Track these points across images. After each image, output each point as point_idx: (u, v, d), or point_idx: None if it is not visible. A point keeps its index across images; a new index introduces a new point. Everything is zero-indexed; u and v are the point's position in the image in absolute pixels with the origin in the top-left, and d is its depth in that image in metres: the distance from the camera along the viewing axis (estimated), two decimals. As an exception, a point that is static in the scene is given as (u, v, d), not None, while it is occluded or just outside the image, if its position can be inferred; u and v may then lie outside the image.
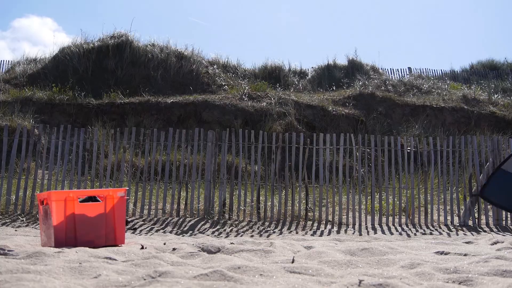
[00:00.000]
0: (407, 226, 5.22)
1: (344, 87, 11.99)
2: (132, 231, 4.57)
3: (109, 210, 2.51)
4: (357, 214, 5.47)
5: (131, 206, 5.52)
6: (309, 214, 5.55)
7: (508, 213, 5.43)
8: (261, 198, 5.61)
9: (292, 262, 1.88)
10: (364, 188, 5.85)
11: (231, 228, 4.90)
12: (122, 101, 9.78)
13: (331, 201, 5.90)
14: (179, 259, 1.88)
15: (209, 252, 2.22)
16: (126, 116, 9.43)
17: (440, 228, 5.16)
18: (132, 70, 11.22)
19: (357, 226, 5.17)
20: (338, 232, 4.80)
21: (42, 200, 2.54)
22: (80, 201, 2.47)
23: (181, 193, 5.62)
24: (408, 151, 6.09)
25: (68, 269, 1.49)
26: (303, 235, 4.48)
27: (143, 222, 5.08)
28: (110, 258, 1.85)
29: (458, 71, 16.03)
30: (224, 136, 5.80)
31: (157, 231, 4.63)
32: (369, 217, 5.46)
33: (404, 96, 11.41)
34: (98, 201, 2.53)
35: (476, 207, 5.53)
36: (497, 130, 10.00)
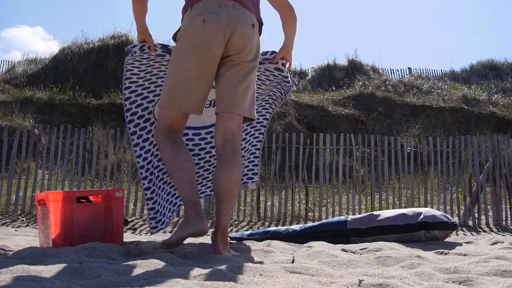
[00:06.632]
0: (407, 226, 5.21)
1: (344, 87, 12.00)
2: (132, 231, 4.57)
3: (107, 210, 2.51)
4: (357, 214, 5.46)
5: (131, 206, 5.52)
6: (309, 214, 5.55)
7: (509, 213, 5.44)
8: (261, 198, 5.62)
9: (292, 262, 1.88)
10: (364, 188, 5.85)
11: (231, 228, 4.90)
12: (122, 101, 9.77)
13: (331, 201, 5.90)
14: (179, 259, 1.88)
15: (209, 252, 2.22)
16: (126, 116, 9.43)
17: (440, 228, 5.16)
18: (132, 70, 11.22)
19: (357, 226, 5.17)
20: (338, 232, 4.79)
21: (40, 200, 2.54)
22: (78, 201, 2.46)
23: (181, 193, 5.61)
24: (408, 151, 6.10)
25: (68, 269, 1.49)
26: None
27: (143, 222, 5.07)
28: (109, 258, 1.85)
29: (458, 71, 16.04)
30: (224, 136, 5.79)
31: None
32: (369, 217, 5.46)
33: (404, 96, 11.41)
34: (96, 201, 2.53)
35: (476, 207, 5.53)
36: (497, 130, 10.01)
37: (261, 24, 2.35)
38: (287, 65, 2.65)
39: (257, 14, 2.31)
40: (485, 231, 4.89)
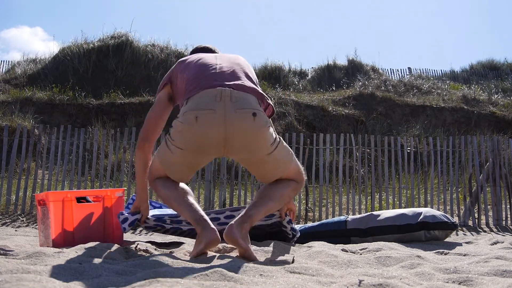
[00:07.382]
0: (407, 226, 5.20)
1: (344, 87, 12.00)
2: (132, 231, 4.57)
3: (107, 210, 2.51)
4: (357, 214, 5.46)
5: (131, 206, 5.52)
6: (309, 214, 5.55)
7: (509, 213, 5.43)
8: (261, 198, 5.61)
9: (292, 262, 1.89)
10: (364, 188, 5.85)
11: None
12: (122, 101, 9.78)
13: (331, 201, 5.90)
14: (179, 259, 1.88)
15: (209, 252, 2.21)
16: (126, 116, 9.44)
17: (440, 228, 5.15)
18: (132, 70, 11.22)
19: (357, 226, 5.16)
20: (338, 232, 4.79)
21: (40, 200, 2.54)
22: (78, 201, 2.47)
23: (181, 193, 5.61)
24: (408, 151, 6.10)
25: (69, 269, 1.49)
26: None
27: (143, 222, 5.08)
28: (109, 258, 1.85)
29: (458, 71, 16.04)
30: (224, 136, 5.79)
31: (157, 231, 4.62)
32: (369, 217, 5.46)
33: (404, 96, 11.41)
34: (96, 201, 2.53)
35: (476, 207, 5.53)
36: (497, 130, 10.01)
37: (266, 102, 2.22)
38: (291, 214, 2.70)
39: (259, 94, 2.17)
40: (485, 231, 4.89)
